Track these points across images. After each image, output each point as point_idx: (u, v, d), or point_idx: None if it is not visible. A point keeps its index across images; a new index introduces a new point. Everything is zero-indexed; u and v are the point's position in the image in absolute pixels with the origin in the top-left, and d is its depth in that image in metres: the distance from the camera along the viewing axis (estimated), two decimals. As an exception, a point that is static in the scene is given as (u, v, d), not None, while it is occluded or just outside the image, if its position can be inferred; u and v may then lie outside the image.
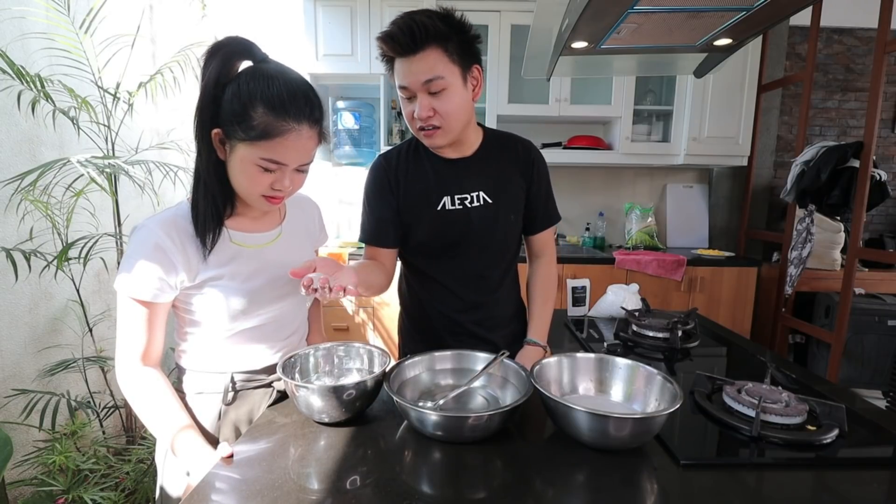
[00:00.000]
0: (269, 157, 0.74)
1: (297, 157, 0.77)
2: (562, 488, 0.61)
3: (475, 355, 0.87)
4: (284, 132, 0.73)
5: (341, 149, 2.67)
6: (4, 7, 1.42)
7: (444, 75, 0.89)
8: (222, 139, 0.76)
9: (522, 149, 1.08)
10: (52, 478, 1.30)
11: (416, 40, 0.87)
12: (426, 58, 0.88)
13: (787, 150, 3.02)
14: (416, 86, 0.90)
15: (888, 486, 0.62)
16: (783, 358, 1.14)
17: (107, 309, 1.82)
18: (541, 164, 1.09)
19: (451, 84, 0.90)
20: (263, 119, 0.72)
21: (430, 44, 0.87)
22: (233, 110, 0.72)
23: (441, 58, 0.89)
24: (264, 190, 0.77)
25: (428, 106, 0.91)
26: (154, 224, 0.76)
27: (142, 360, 0.78)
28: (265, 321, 0.86)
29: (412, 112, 0.94)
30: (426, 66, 0.88)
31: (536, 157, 1.09)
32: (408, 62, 0.89)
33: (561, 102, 2.58)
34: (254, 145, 0.73)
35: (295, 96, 0.74)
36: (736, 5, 0.76)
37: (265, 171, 0.75)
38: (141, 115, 1.92)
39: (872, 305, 2.37)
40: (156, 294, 0.76)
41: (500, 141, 1.08)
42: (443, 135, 0.95)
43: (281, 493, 0.58)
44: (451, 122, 0.94)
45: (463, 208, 1.02)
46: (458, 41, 0.90)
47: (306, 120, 0.75)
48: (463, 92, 0.93)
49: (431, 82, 0.89)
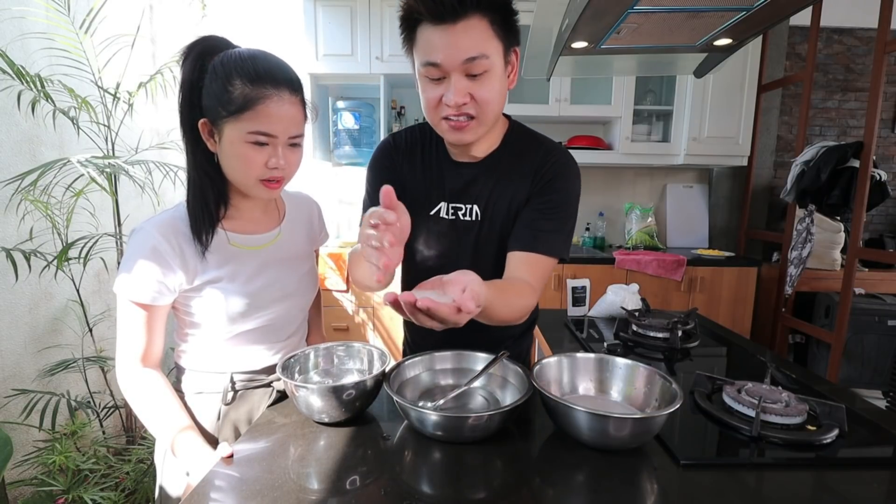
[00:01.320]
0: (255, 128, 0.73)
1: (283, 125, 0.75)
2: (562, 488, 0.61)
3: (475, 355, 0.87)
4: (265, 98, 0.73)
5: (341, 149, 2.67)
6: (4, 7, 1.42)
7: (489, 54, 0.73)
8: (210, 129, 0.76)
9: (541, 157, 0.87)
10: (52, 478, 1.30)
11: (465, 2, 0.70)
12: (471, 29, 0.71)
13: (787, 150, 3.02)
14: (454, 63, 0.73)
15: (888, 486, 0.62)
16: (783, 358, 1.14)
17: (107, 309, 1.82)
18: (553, 178, 0.86)
19: (495, 66, 0.75)
20: (242, 90, 0.72)
21: (477, 11, 0.71)
22: (213, 93, 0.74)
23: (487, 31, 0.73)
24: (259, 172, 0.76)
25: (464, 90, 0.75)
26: (151, 227, 0.76)
27: (141, 362, 0.78)
28: (265, 322, 0.86)
29: (438, 97, 0.77)
30: (470, 41, 0.72)
31: (550, 169, 0.86)
32: (445, 32, 0.71)
33: (561, 102, 2.58)
34: (239, 120, 0.73)
35: (269, 66, 0.75)
36: (736, 5, 0.76)
37: (256, 147, 0.74)
38: (141, 115, 1.92)
39: (872, 305, 2.37)
40: (154, 297, 0.76)
41: (519, 146, 0.90)
42: (476, 128, 0.79)
43: (281, 493, 0.58)
44: (488, 114, 0.78)
45: (455, 219, 0.91)
46: (504, 14, 0.75)
47: (285, 86, 0.75)
48: (503, 78, 0.79)
49: (474, 61, 0.72)
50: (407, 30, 0.77)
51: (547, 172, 0.86)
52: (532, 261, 0.83)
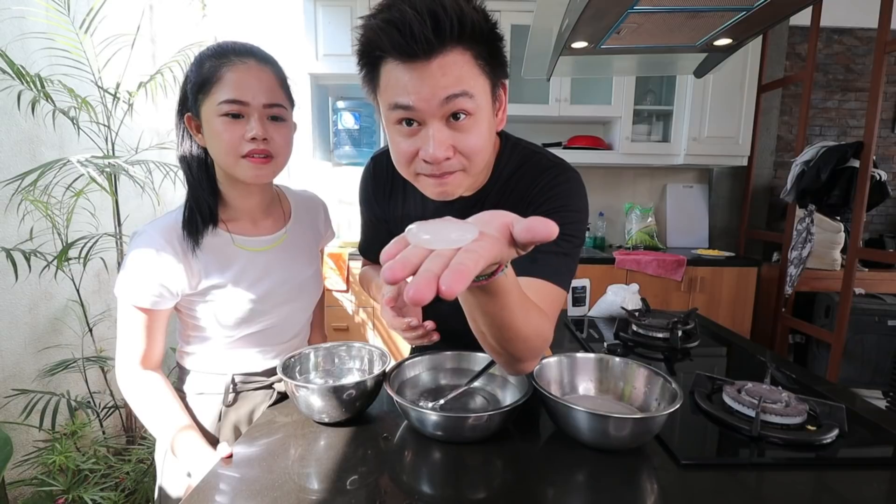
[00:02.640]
0: (225, 97, 0.73)
1: (252, 92, 0.74)
2: (562, 488, 0.61)
3: (475, 355, 0.87)
4: (229, 65, 0.74)
5: (341, 149, 2.68)
6: (4, 7, 1.42)
7: (473, 93, 0.59)
8: (196, 124, 0.77)
9: (539, 182, 0.74)
10: (52, 478, 1.30)
11: (442, 35, 0.55)
12: (450, 66, 0.57)
13: (787, 150, 3.02)
14: (430, 107, 0.58)
15: (888, 486, 0.62)
16: (783, 358, 1.14)
17: (107, 309, 1.82)
18: (549, 195, 0.73)
19: (481, 107, 0.61)
20: (209, 65, 0.74)
21: (457, 44, 0.57)
22: (189, 83, 0.75)
23: (470, 67, 0.59)
24: (239, 145, 0.74)
25: (446, 142, 0.60)
26: (154, 230, 0.76)
27: (141, 364, 0.78)
28: (270, 325, 0.85)
29: (413, 152, 0.63)
30: (451, 77, 0.57)
31: (546, 185, 0.73)
32: (417, 70, 0.57)
33: (561, 102, 2.58)
34: (209, 95, 0.74)
35: (235, 42, 0.77)
36: (736, 5, 0.76)
37: (232, 121, 0.74)
38: (141, 115, 1.92)
39: (872, 305, 2.37)
40: (155, 301, 0.75)
41: (513, 169, 0.77)
42: (462, 180, 0.65)
43: (281, 493, 0.58)
44: (478, 164, 0.65)
45: None
46: (491, 46, 0.61)
47: (251, 56, 0.76)
48: (491, 119, 0.65)
49: (456, 99, 0.58)
50: (367, 66, 0.62)
51: (540, 194, 0.73)
52: (537, 286, 0.67)
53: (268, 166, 0.77)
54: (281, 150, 0.78)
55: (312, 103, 2.62)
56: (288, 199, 0.94)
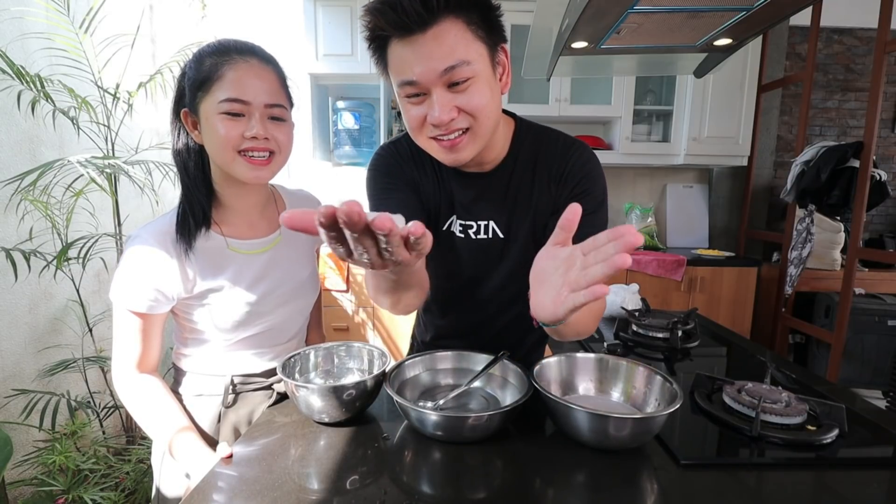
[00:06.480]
0: (225, 95, 0.72)
1: (254, 91, 0.73)
2: (562, 488, 0.61)
3: (475, 355, 0.87)
4: (231, 63, 0.73)
5: (341, 149, 2.67)
6: (4, 7, 1.42)
7: (470, 59, 0.64)
8: (193, 120, 0.77)
9: (560, 159, 0.80)
10: (52, 478, 1.30)
11: (431, 7, 0.61)
12: (444, 35, 0.62)
13: (787, 150, 3.02)
14: (432, 77, 0.64)
15: (888, 486, 0.62)
16: (783, 358, 1.13)
17: (107, 309, 1.82)
18: (580, 175, 0.79)
19: (480, 72, 0.66)
20: (210, 63, 0.73)
21: (448, 14, 0.62)
22: (188, 80, 0.75)
23: (464, 34, 0.64)
24: (236, 142, 0.73)
25: (449, 104, 0.66)
26: (149, 234, 0.76)
27: (138, 369, 0.78)
28: (267, 328, 0.85)
29: (422, 117, 0.68)
30: (446, 48, 0.63)
31: (574, 171, 0.79)
32: (416, 44, 0.63)
33: (561, 102, 2.58)
34: (210, 93, 0.73)
35: (237, 41, 0.77)
36: (736, 5, 0.76)
37: (232, 119, 0.73)
38: (141, 115, 1.92)
39: (872, 305, 2.37)
40: (151, 306, 0.75)
41: (533, 147, 0.82)
42: (472, 142, 0.70)
43: (281, 493, 0.58)
44: (484, 123, 0.69)
45: (465, 237, 0.83)
46: (482, 11, 0.66)
47: (253, 55, 0.76)
48: (493, 82, 0.70)
49: (454, 70, 0.64)
50: (377, 50, 0.68)
51: (571, 175, 0.79)
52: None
53: (267, 167, 0.77)
54: (282, 148, 0.79)
55: (312, 103, 2.62)
56: (283, 198, 0.94)
